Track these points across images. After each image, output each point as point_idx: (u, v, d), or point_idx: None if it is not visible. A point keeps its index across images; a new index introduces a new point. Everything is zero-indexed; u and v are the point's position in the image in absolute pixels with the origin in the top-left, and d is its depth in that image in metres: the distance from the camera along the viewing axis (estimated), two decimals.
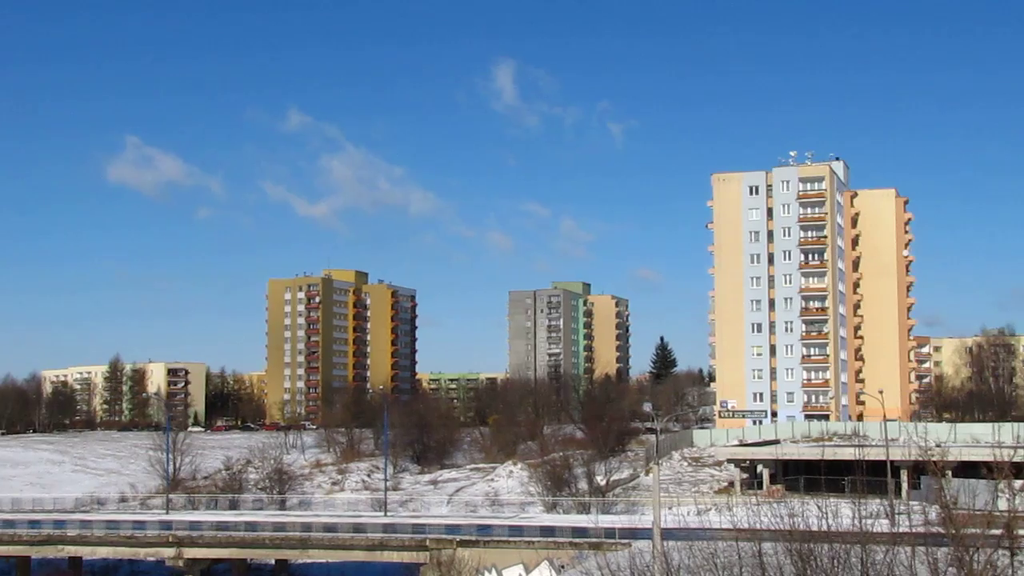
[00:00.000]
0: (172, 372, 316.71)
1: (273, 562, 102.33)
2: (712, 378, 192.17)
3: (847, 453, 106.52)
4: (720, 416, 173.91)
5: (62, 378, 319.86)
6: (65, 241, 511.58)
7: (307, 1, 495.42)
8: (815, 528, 37.46)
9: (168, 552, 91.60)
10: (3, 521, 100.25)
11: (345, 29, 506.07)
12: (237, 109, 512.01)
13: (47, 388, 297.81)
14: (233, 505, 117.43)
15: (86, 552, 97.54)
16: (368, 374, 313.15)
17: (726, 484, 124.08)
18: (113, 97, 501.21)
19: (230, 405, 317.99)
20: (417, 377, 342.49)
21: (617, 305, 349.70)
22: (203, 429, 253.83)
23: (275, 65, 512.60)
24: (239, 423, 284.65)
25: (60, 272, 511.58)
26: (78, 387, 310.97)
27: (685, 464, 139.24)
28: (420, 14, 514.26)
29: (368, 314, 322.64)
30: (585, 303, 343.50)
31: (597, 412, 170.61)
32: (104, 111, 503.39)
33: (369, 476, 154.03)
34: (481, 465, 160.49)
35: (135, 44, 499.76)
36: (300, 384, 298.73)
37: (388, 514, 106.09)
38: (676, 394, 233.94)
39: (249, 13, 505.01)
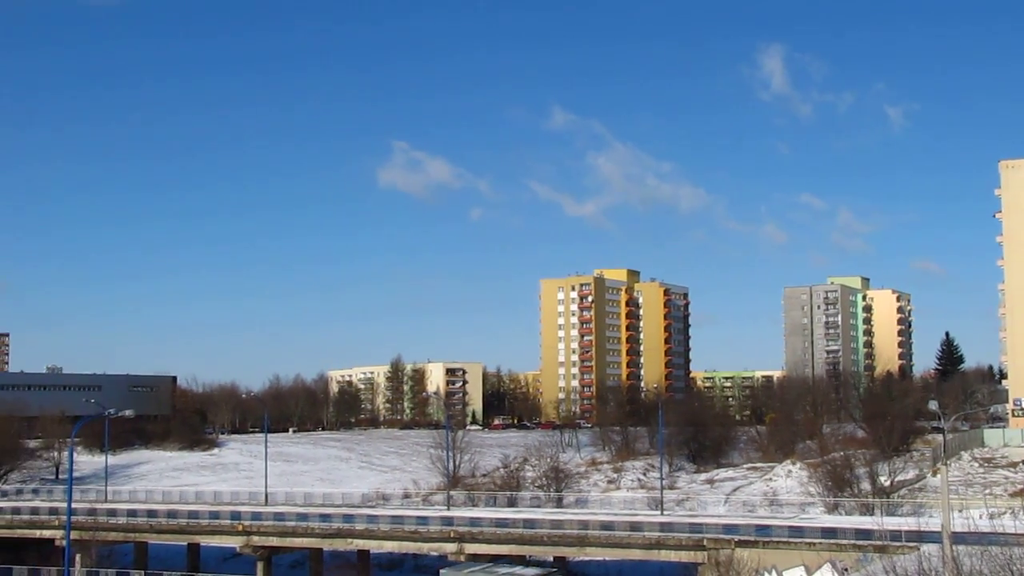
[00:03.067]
0: (450, 372, 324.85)
1: (551, 559, 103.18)
2: (1003, 375, 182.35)
3: None
4: (1013, 415, 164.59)
5: (347, 378, 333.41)
6: (345, 244, 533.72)
7: (559, 1, 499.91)
8: None
9: (450, 547, 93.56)
10: (297, 515, 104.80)
11: (602, 25, 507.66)
12: (500, 110, 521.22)
13: (333, 388, 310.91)
14: (511, 502, 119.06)
15: (373, 546, 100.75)
16: (642, 373, 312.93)
17: (1022, 487, 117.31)
18: (379, 102, 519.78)
19: (506, 404, 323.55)
20: (691, 375, 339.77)
21: (898, 300, 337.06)
22: (481, 427, 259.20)
23: (535, 64, 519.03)
24: (515, 421, 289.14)
25: (342, 275, 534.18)
26: (362, 387, 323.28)
27: (975, 465, 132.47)
28: (679, 4, 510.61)
29: (641, 313, 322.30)
30: (864, 298, 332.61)
31: (879, 410, 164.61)
32: (371, 117, 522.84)
33: (644, 475, 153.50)
34: (758, 464, 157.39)
35: (396, 48, 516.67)
36: (574, 383, 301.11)
37: (664, 513, 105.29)
38: (964, 392, 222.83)
39: (504, 12, 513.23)
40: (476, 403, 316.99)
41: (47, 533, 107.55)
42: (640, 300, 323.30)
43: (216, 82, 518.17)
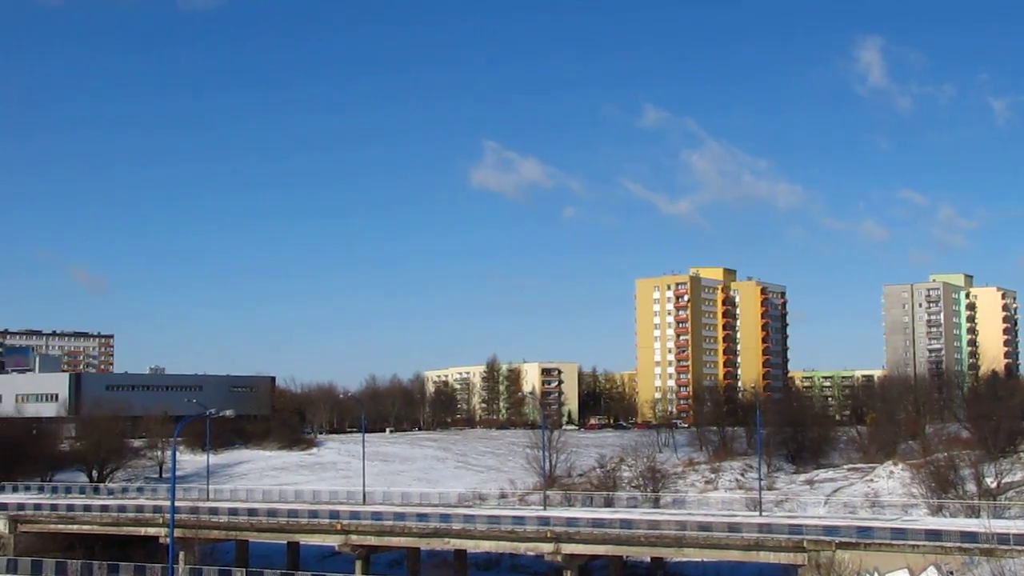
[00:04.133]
0: (546, 371, 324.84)
1: (648, 559, 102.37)
2: None
3: None
4: None
5: (443, 378, 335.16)
6: (439, 245, 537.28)
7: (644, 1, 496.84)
8: None
9: (547, 547, 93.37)
10: (395, 514, 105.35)
11: (693, 23, 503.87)
12: (591, 108, 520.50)
13: (430, 388, 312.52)
14: (608, 502, 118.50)
15: (470, 545, 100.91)
16: (739, 372, 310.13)
17: None
18: (470, 103, 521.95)
19: (602, 403, 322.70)
20: (789, 375, 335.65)
21: (1004, 297, 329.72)
22: (577, 427, 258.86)
23: (626, 63, 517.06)
24: (611, 421, 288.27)
25: (437, 275, 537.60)
26: (458, 387, 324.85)
27: None
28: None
29: (737, 312, 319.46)
30: (967, 296, 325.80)
31: (985, 410, 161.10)
32: (462, 117, 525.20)
33: (743, 475, 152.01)
34: (859, 465, 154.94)
35: (486, 49, 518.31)
36: (671, 383, 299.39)
37: (763, 514, 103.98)
38: None
39: (593, 13, 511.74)
40: (572, 403, 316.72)
41: (152, 531, 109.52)
42: (737, 299, 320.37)
43: (308, 86, 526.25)
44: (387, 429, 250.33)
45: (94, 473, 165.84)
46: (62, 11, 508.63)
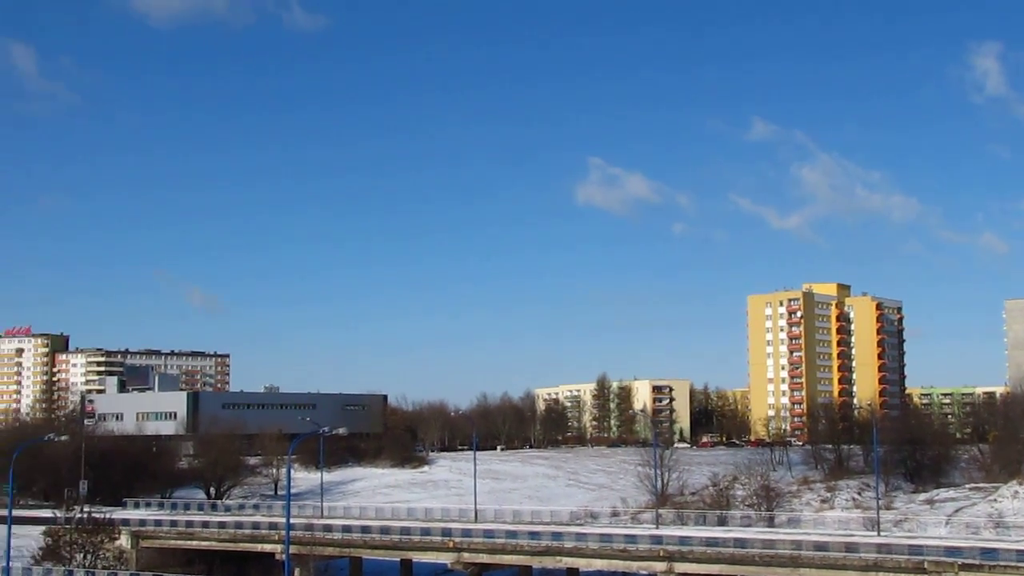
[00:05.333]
0: (656, 389, 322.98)
1: None
2: None
3: None
4: None
5: (553, 395, 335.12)
6: (547, 262, 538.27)
7: (746, 13, 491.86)
8: None
9: (660, 566, 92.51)
10: (507, 532, 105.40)
11: (799, 36, 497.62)
12: (696, 122, 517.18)
13: (540, 405, 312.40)
14: (721, 521, 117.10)
15: (582, 564, 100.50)
16: (854, 389, 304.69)
17: None
18: (573, 120, 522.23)
19: (714, 421, 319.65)
20: (907, 392, 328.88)
21: None
22: (689, 445, 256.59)
23: (731, 77, 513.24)
24: (724, 439, 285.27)
25: (546, 293, 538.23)
26: (568, 404, 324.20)
27: None
28: (878, 8, 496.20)
29: (852, 328, 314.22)
30: None
31: None
32: (566, 134, 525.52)
33: (859, 494, 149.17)
34: (981, 485, 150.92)
35: (589, 65, 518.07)
36: (784, 400, 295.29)
37: (882, 534, 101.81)
38: None
39: (692, 29, 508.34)
40: (683, 420, 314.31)
41: (268, 547, 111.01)
42: (851, 315, 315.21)
43: (413, 105, 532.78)
44: (498, 447, 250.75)
45: (212, 490, 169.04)
46: (173, 35, 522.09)
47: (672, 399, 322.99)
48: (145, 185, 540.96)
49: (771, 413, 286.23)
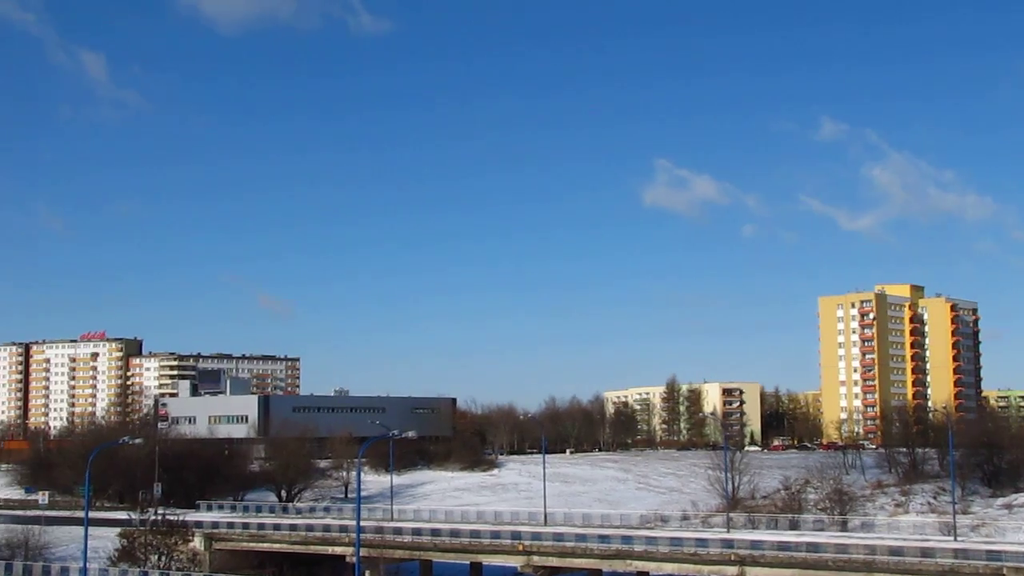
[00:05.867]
0: (726, 392, 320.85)
1: None
2: None
3: None
4: None
5: (622, 399, 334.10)
6: (614, 265, 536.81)
7: (813, 15, 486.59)
8: None
9: (731, 570, 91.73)
10: (576, 535, 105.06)
11: (868, 36, 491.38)
12: (764, 123, 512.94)
13: (609, 408, 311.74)
14: (793, 525, 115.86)
15: (652, 567, 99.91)
16: (928, 392, 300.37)
17: None
18: (639, 121, 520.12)
19: (785, 424, 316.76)
20: (983, 395, 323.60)
21: None
22: (759, 448, 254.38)
23: (800, 77, 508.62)
24: (795, 442, 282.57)
25: (613, 296, 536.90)
26: (637, 407, 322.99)
27: None
28: (946, 5, 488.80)
29: (926, 329, 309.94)
30: None
31: None
32: (631, 136, 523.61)
33: (935, 498, 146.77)
34: None
35: (653, 68, 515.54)
36: (856, 403, 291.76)
37: (958, 539, 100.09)
38: None
39: (757, 32, 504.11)
40: (754, 423, 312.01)
41: (338, 550, 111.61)
42: (925, 316, 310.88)
43: (478, 108, 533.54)
44: (567, 450, 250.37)
45: (283, 492, 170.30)
46: (240, 41, 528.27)
47: (742, 402, 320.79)
48: (215, 190, 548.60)
49: (843, 416, 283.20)
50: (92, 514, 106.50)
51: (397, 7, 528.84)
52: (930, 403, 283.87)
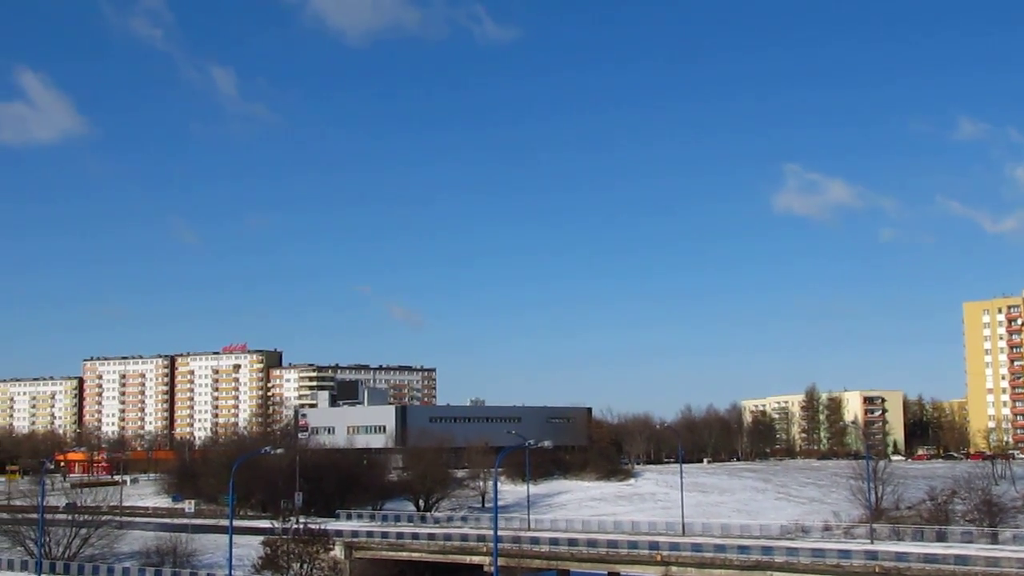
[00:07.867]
0: (868, 400, 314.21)
1: None
2: None
3: None
4: None
5: (760, 407, 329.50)
6: (748, 272, 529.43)
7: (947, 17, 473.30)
8: None
9: None
10: (715, 546, 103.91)
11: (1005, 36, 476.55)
12: (897, 124, 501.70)
13: (747, 418, 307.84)
14: (940, 537, 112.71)
15: None
16: None
17: None
18: (766, 127, 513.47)
19: (930, 433, 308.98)
20: None
21: None
22: (903, 458, 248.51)
23: (933, 76, 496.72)
24: (940, 452, 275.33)
25: (749, 304, 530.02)
26: (776, 416, 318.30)
27: None
28: None
29: None
30: None
31: None
32: (758, 142, 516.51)
33: None
34: None
35: (783, 73, 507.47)
36: (1005, 411, 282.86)
37: None
38: None
39: (886, 36, 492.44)
40: (897, 432, 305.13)
41: (476, 559, 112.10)
42: None
43: (605, 117, 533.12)
44: (704, 459, 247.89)
45: (420, 502, 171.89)
46: (368, 52, 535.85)
47: (884, 410, 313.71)
48: (347, 202, 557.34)
49: (991, 425, 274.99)
50: (236, 522, 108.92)
51: (523, 15, 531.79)
52: None
